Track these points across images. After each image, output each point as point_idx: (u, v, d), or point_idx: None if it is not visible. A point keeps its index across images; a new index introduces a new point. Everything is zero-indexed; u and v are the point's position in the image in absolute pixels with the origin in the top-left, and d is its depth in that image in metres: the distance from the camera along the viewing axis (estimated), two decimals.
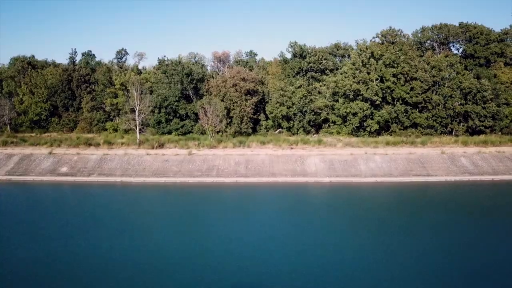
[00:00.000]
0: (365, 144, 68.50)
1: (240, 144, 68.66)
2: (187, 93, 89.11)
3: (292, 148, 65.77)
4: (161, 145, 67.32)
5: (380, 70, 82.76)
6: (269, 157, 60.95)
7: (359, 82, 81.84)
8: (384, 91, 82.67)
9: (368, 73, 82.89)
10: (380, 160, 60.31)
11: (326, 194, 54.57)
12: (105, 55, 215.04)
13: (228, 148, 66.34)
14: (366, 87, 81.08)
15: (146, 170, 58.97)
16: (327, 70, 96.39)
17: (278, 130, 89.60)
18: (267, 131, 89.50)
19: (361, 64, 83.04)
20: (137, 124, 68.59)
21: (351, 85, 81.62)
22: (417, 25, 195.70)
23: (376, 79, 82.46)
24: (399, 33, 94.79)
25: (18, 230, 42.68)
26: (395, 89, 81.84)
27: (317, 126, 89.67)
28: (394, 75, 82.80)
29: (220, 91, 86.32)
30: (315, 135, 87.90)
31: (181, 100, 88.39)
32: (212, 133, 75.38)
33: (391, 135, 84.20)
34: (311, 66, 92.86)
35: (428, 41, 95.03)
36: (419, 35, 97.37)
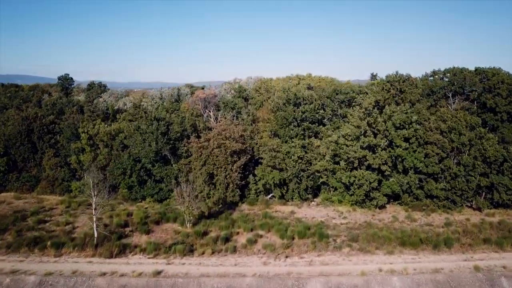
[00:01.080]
0: (376, 241, 52.73)
1: (223, 246, 52.43)
2: (164, 153, 72.65)
3: (287, 257, 49.68)
4: (123, 250, 50.98)
5: (389, 133, 66.72)
6: (257, 282, 44.89)
7: (364, 148, 66.02)
8: (394, 158, 66.92)
9: (375, 136, 66.98)
10: (400, 285, 44.72)
11: None
12: (84, 76, 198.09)
13: (206, 256, 49.75)
14: (373, 155, 65.18)
15: None
16: (325, 120, 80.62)
17: (270, 195, 73.67)
18: (257, 196, 73.64)
19: (366, 126, 67.00)
20: (94, 220, 52.21)
21: (355, 152, 65.79)
22: (425, 68, 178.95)
23: (384, 142, 66.58)
24: (406, 79, 78.57)
25: None
26: (407, 157, 65.93)
27: (315, 188, 74.11)
28: (405, 139, 66.89)
29: (201, 153, 70.01)
30: (313, 202, 72.15)
31: (156, 163, 72.04)
32: (190, 217, 59.45)
33: (401, 204, 69.10)
34: (306, 116, 76.95)
35: (441, 90, 78.72)
36: (430, 80, 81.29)
